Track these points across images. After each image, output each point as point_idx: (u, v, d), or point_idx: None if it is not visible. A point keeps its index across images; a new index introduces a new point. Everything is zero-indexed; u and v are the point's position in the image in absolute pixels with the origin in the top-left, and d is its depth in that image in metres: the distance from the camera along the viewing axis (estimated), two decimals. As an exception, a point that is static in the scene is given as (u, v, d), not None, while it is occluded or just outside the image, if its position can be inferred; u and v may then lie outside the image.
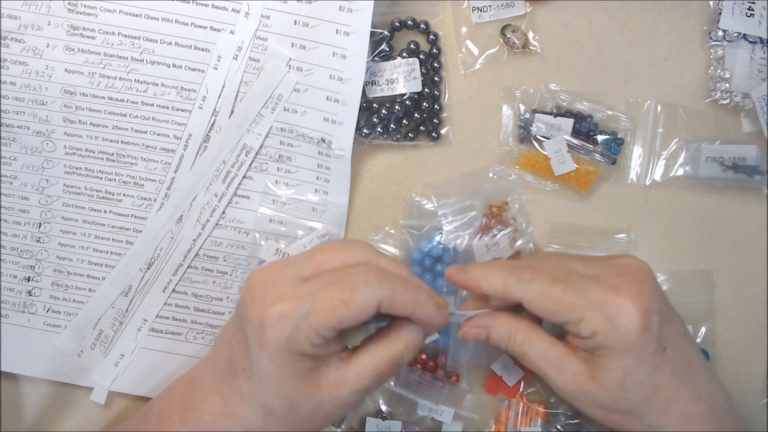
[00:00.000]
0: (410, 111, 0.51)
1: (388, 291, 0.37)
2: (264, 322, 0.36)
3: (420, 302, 0.38)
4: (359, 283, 0.37)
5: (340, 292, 0.36)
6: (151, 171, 0.51)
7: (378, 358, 0.39)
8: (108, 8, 0.49)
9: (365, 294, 0.36)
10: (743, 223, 0.52)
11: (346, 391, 0.39)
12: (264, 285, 0.38)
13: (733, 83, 0.51)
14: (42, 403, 0.54)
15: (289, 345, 0.36)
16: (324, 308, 0.36)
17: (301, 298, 0.36)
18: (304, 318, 0.36)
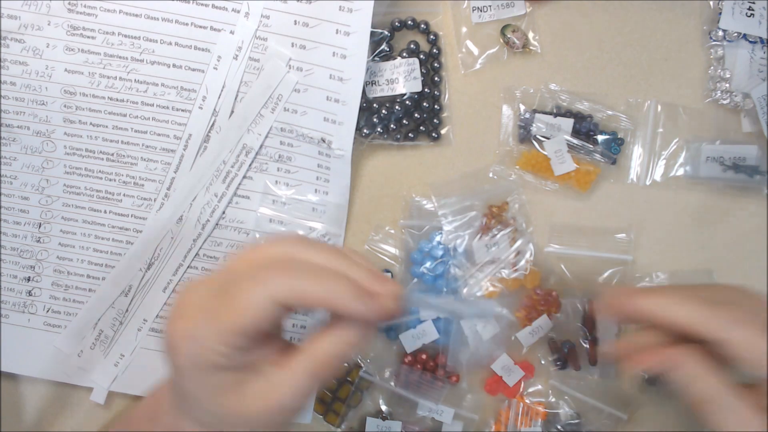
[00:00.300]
0: (410, 111, 0.51)
1: (283, 285, 0.34)
2: (170, 344, 0.35)
3: (333, 294, 0.34)
4: (246, 283, 0.34)
5: (230, 298, 0.34)
6: (151, 171, 0.51)
7: (313, 358, 0.36)
8: (108, 8, 0.49)
9: (253, 294, 0.34)
10: (743, 223, 0.52)
11: (278, 399, 0.35)
12: (177, 302, 0.36)
13: (733, 83, 0.51)
14: (42, 403, 0.54)
15: (197, 362, 0.34)
16: (217, 319, 0.34)
17: (198, 313, 0.34)
18: (204, 334, 0.34)
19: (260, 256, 0.36)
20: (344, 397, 0.52)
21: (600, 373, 0.52)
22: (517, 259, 0.51)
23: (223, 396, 0.35)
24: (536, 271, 0.51)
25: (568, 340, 0.52)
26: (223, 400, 0.35)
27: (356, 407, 0.53)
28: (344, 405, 0.52)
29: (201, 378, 0.35)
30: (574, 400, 0.52)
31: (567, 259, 0.52)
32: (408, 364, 0.52)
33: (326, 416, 0.53)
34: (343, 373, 0.53)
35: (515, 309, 0.52)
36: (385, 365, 0.53)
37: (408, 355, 0.52)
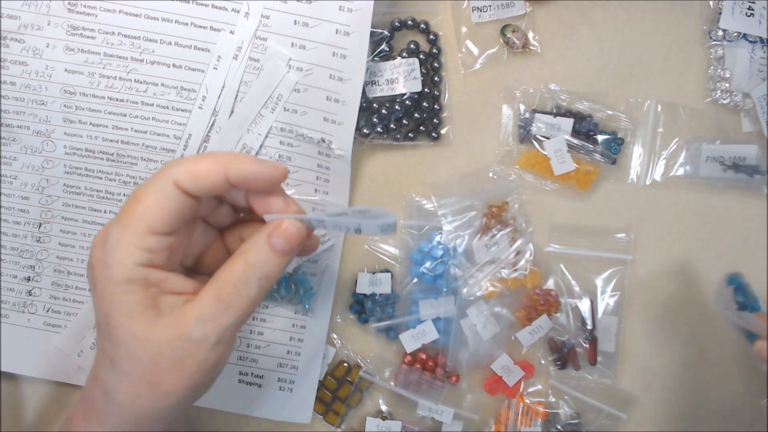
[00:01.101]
0: (410, 111, 0.51)
1: (181, 166, 0.33)
2: (88, 268, 0.34)
3: (229, 161, 0.34)
4: (149, 181, 0.34)
5: (133, 196, 0.34)
6: (151, 171, 0.51)
7: (215, 282, 0.34)
8: (108, 8, 0.49)
9: (154, 183, 0.33)
10: (743, 223, 0.52)
11: (188, 327, 0.33)
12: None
13: (733, 83, 0.51)
14: (42, 403, 0.54)
15: (109, 271, 0.33)
16: (123, 217, 0.33)
17: (110, 224, 0.34)
18: (113, 234, 0.33)
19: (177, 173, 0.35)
20: (344, 397, 0.52)
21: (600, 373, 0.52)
22: (517, 259, 0.51)
23: (133, 319, 0.33)
24: (536, 271, 0.51)
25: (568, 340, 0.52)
26: (132, 323, 0.33)
27: (356, 407, 0.53)
28: (344, 405, 0.52)
29: (115, 292, 0.33)
30: (574, 400, 0.52)
31: (567, 259, 0.52)
32: (408, 364, 0.52)
33: (326, 416, 0.53)
34: (343, 373, 0.53)
35: (515, 309, 0.52)
36: (385, 365, 0.53)
37: (408, 355, 0.52)
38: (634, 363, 0.53)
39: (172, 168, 0.34)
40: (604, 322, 0.52)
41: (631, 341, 0.53)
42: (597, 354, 0.52)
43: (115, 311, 0.33)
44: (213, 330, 0.34)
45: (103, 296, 0.34)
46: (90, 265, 0.34)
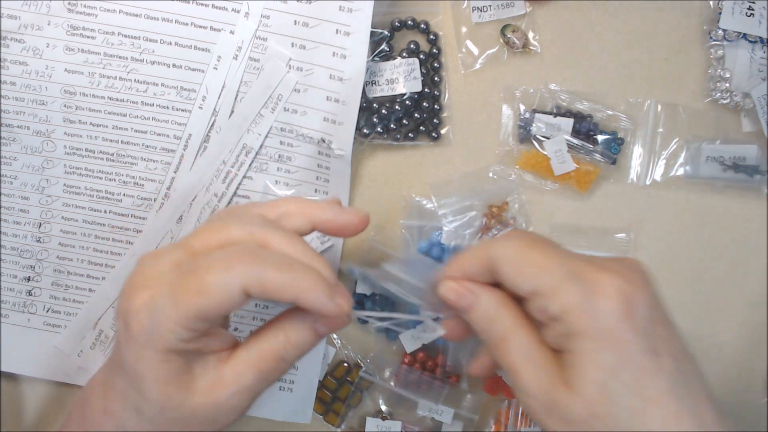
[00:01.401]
0: (410, 111, 0.51)
1: (255, 273, 0.32)
2: (126, 315, 0.33)
3: (303, 287, 0.33)
4: (218, 267, 0.32)
5: (197, 279, 0.32)
6: (151, 171, 0.51)
7: (257, 354, 0.35)
8: (108, 8, 0.49)
9: (223, 278, 0.32)
10: (743, 223, 0.52)
11: (223, 394, 0.34)
12: (136, 274, 0.34)
13: (733, 83, 0.51)
14: (42, 403, 0.54)
15: (152, 340, 0.33)
16: (181, 298, 0.32)
17: (161, 286, 0.32)
18: (163, 312, 0.32)
19: (226, 237, 0.35)
20: (344, 397, 0.52)
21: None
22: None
23: (170, 385, 0.34)
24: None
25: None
26: (169, 388, 0.34)
27: (356, 407, 0.53)
28: (344, 405, 0.52)
29: (153, 359, 0.33)
30: (574, 400, 0.52)
31: (567, 259, 0.52)
32: (407, 364, 0.52)
33: (326, 416, 0.53)
34: (343, 373, 0.53)
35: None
36: (385, 365, 0.53)
37: (408, 355, 0.52)
38: (634, 363, 0.53)
39: (248, 268, 0.32)
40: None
41: (631, 341, 0.53)
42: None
43: (151, 376, 0.34)
44: (248, 398, 0.35)
45: (138, 357, 0.33)
46: (127, 323, 0.33)
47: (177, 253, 0.34)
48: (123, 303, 0.34)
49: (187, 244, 0.35)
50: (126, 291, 0.34)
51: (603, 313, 0.32)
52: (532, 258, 0.33)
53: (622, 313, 0.32)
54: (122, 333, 0.34)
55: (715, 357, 0.52)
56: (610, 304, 0.32)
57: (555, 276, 0.33)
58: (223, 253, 0.33)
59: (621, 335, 0.31)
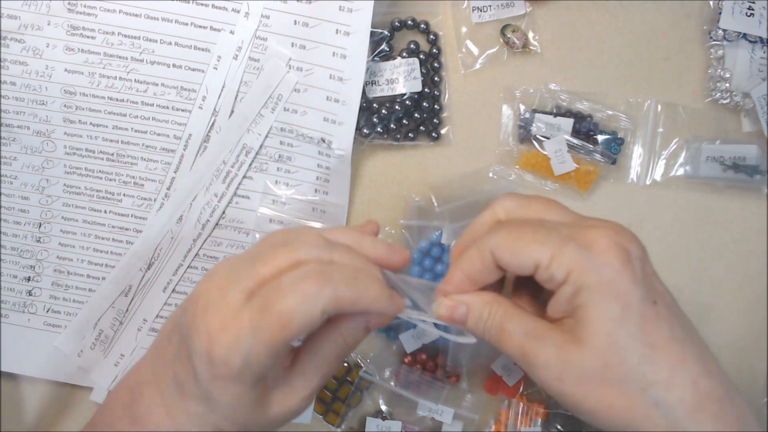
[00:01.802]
0: (410, 111, 0.51)
1: (331, 295, 0.33)
2: (212, 358, 0.33)
3: (371, 297, 0.34)
4: (296, 297, 0.33)
5: (279, 314, 0.33)
6: (151, 171, 0.51)
7: (321, 358, 0.37)
8: (108, 8, 0.49)
9: (304, 308, 0.33)
10: (743, 223, 0.52)
11: (295, 400, 0.36)
12: (207, 308, 0.34)
13: (733, 83, 0.51)
14: (42, 403, 0.54)
15: (242, 377, 0.34)
16: (266, 335, 0.33)
17: (242, 327, 0.33)
18: (252, 350, 0.33)
19: (294, 261, 0.35)
20: (344, 397, 0.52)
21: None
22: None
23: (255, 407, 0.35)
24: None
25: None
26: (253, 410, 0.35)
27: (356, 407, 0.53)
28: (344, 405, 0.52)
29: (241, 391, 0.34)
30: (574, 400, 0.52)
31: (567, 259, 0.52)
32: (408, 364, 0.52)
33: (326, 416, 0.53)
34: (343, 373, 0.53)
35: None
36: (385, 365, 0.53)
37: (408, 355, 0.52)
38: (634, 363, 0.53)
39: (326, 293, 0.33)
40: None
41: (631, 341, 0.53)
42: (597, 354, 0.52)
43: (238, 404, 0.35)
44: (312, 398, 0.38)
45: (225, 391, 0.34)
46: (213, 363, 0.33)
47: (246, 281, 0.35)
48: (203, 344, 0.34)
49: (253, 269, 0.35)
50: (202, 331, 0.34)
51: (603, 265, 0.33)
52: (524, 237, 0.34)
53: (620, 264, 0.33)
54: (204, 372, 0.34)
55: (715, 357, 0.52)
56: (608, 256, 0.33)
57: (550, 245, 0.34)
58: (296, 278, 0.34)
59: (622, 286, 0.32)
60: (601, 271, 0.33)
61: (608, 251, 0.33)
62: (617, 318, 0.32)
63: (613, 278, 0.32)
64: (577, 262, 0.33)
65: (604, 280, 0.33)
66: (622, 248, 0.33)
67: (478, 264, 0.36)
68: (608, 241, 0.33)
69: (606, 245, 0.33)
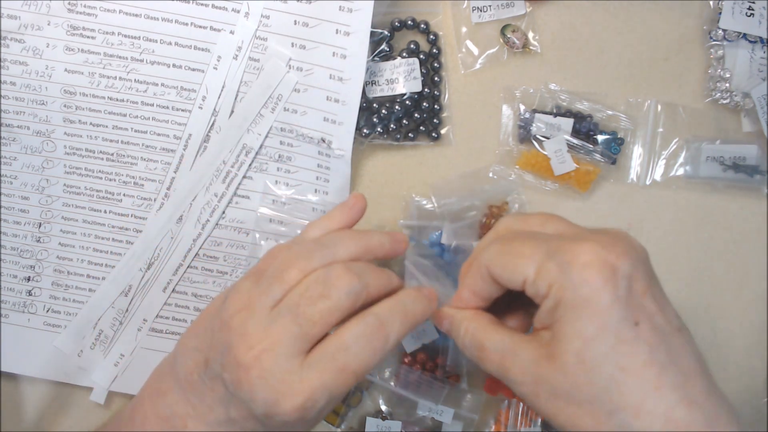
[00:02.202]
0: (410, 111, 0.51)
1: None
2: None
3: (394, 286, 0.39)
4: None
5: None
6: (151, 171, 0.51)
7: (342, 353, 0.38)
8: (108, 8, 0.49)
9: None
10: (743, 223, 0.52)
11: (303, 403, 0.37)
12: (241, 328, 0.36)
13: (733, 83, 0.51)
14: (42, 403, 0.54)
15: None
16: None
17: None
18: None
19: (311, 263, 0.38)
20: (344, 397, 0.52)
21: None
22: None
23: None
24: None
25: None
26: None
27: (356, 407, 0.53)
28: (344, 405, 0.52)
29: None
30: (574, 400, 0.52)
31: (567, 259, 0.52)
32: (407, 364, 0.52)
33: (326, 416, 0.53)
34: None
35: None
36: (385, 365, 0.53)
37: (408, 355, 0.52)
38: (634, 363, 0.53)
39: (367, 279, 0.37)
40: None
41: (631, 341, 0.52)
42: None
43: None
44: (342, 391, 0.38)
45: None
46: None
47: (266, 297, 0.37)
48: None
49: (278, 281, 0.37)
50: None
51: (582, 281, 0.32)
52: (511, 251, 0.34)
53: (600, 282, 0.31)
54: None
55: (715, 357, 0.52)
56: (589, 272, 0.32)
57: (536, 258, 0.33)
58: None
59: (600, 304, 0.31)
60: (579, 287, 0.32)
61: (589, 267, 0.32)
62: (590, 337, 0.31)
63: (590, 296, 0.31)
64: (557, 277, 0.32)
65: (581, 297, 0.32)
66: (606, 264, 0.32)
67: (479, 280, 0.37)
68: (592, 256, 0.32)
69: (588, 261, 0.32)
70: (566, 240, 0.34)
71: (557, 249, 0.33)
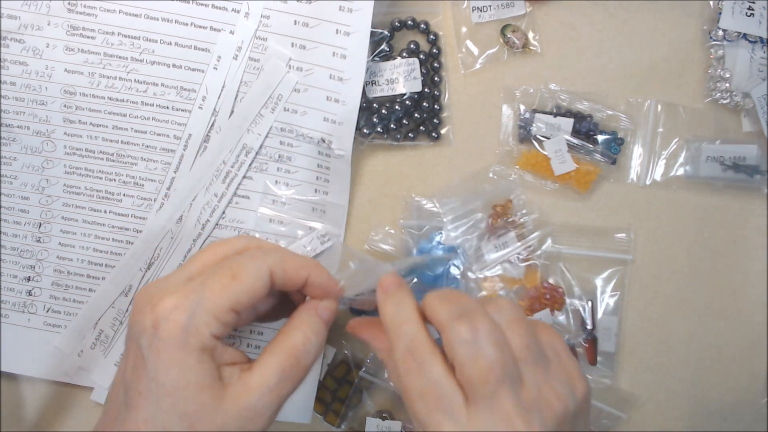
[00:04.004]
0: (410, 111, 0.51)
1: (277, 258, 0.37)
2: (157, 321, 0.34)
3: (312, 265, 0.38)
4: (244, 259, 0.36)
5: (228, 270, 0.36)
6: (151, 171, 0.51)
7: (278, 353, 0.37)
8: (108, 8, 0.49)
9: (253, 265, 0.36)
10: (743, 223, 0.52)
11: (253, 397, 0.35)
12: (149, 293, 0.35)
13: (733, 83, 0.51)
14: (42, 403, 0.54)
15: (187, 337, 0.34)
16: (215, 288, 0.35)
17: (191, 288, 0.35)
18: (198, 304, 0.34)
19: (232, 248, 0.39)
20: (344, 397, 0.52)
21: (599, 373, 0.52)
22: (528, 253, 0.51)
23: (203, 391, 0.34)
24: (535, 270, 0.51)
25: (568, 340, 0.52)
26: (202, 395, 0.34)
27: (356, 407, 0.53)
28: (344, 405, 0.52)
29: (187, 361, 0.34)
30: (574, 400, 0.52)
31: (567, 259, 0.52)
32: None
33: (326, 416, 0.53)
34: (343, 373, 0.53)
35: (519, 298, 0.52)
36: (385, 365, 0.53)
37: (408, 355, 0.52)
38: (634, 363, 0.53)
39: (269, 256, 0.37)
40: (604, 322, 0.52)
41: (631, 341, 0.53)
42: (597, 354, 0.52)
43: (186, 381, 0.34)
44: (275, 399, 0.36)
45: (172, 362, 0.34)
46: (158, 327, 0.34)
47: (182, 271, 0.37)
48: (148, 316, 0.34)
49: (192, 259, 0.38)
50: (147, 308, 0.35)
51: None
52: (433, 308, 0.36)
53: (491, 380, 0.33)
54: (150, 346, 0.34)
55: (715, 357, 0.52)
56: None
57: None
58: (245, 253, 0.38)
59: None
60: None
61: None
62: None
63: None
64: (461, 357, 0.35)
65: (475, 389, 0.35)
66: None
67: None
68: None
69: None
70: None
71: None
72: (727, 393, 0.52)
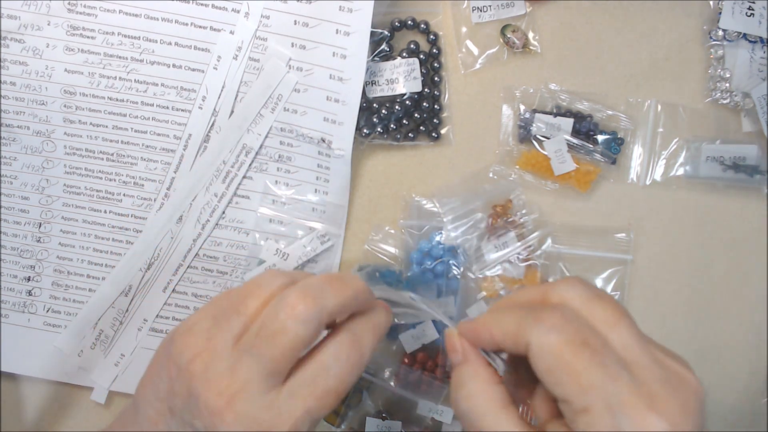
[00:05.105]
0: (410, 111, 0.51)
1: (320, 310, 0.33)
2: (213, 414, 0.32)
3: (357, 290, 0.36)
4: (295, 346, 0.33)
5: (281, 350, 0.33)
6: (151, 171, 0.51)
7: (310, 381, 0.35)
8: (108, 8, 0.49)
9: (303, 332, 0.33)
10: (743, 223, 0.52)
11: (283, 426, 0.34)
12: (205, 373, 0.33)
13: (733, 83, 0.51)
14: (42, 403, 0.54)
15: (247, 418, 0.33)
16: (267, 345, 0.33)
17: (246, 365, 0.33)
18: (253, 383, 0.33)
19: (266, 291, 0.35)
20: (344, 397, 0.52)
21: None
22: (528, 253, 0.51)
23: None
24: (535, 270, 0.51)
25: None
26: None
27: (356, 407, 0.53)
28: (344, 405, 0.52)
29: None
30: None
31: (567, 259, 0.52)
32: (407, 364, 0.52)
33: (326, 416, 0.53)
34: (343, 373, 0.53)
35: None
36: (384, 365, 0.53)
37: (408, 355, 0.52)
38: (634, 363, 0.53)
39: (324, 299, 0.34)
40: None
41: (631, 341, 0.52)
42: (597, 354, 0.52)
43: None
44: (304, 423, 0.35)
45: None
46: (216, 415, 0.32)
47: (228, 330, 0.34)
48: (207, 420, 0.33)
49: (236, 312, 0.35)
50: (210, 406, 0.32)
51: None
52: (573, 367, 0.30)
53: None
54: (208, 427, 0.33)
55: (715, 357, 0.52)
56: None
57: (594, 396, 0.29)
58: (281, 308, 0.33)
59: None
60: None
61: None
62: None
63: None
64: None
65: None
66: None
67: (504, 336, 0.33)
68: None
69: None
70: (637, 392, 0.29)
71: (624, 403, 0.29)
72: (727, 393, 0.52)
